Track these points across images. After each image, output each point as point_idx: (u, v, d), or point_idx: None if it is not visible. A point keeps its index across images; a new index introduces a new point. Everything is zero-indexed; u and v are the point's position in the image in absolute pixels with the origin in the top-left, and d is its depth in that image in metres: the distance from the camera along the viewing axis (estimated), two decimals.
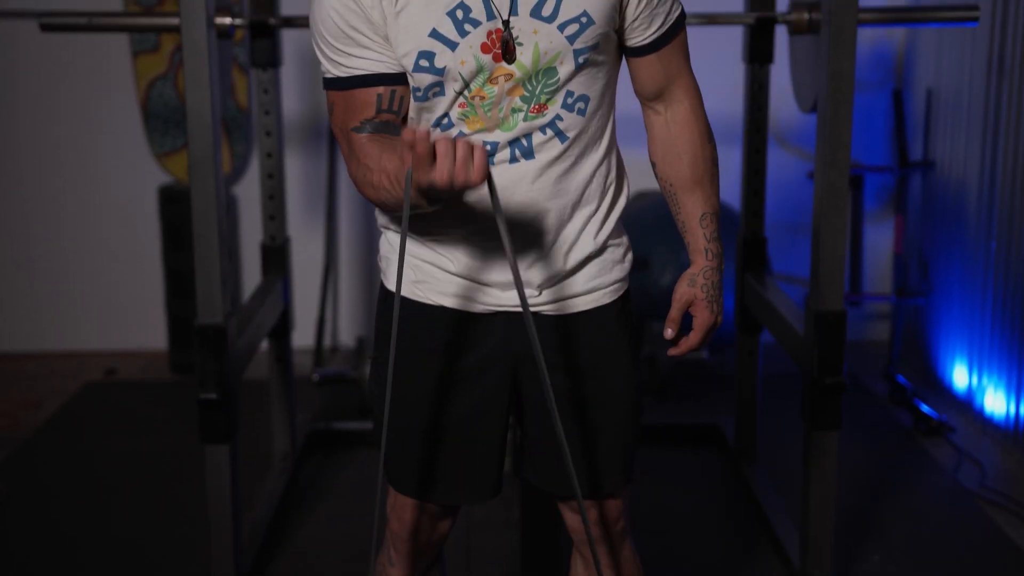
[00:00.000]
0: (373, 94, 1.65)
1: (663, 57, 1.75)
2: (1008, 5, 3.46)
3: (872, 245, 4.43)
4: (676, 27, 1.75)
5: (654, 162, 1.83)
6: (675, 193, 1.82)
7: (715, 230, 1.81)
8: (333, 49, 1.66)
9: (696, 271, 1.81)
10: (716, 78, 3.58)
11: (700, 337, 1.82)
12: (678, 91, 1.79)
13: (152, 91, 4.27)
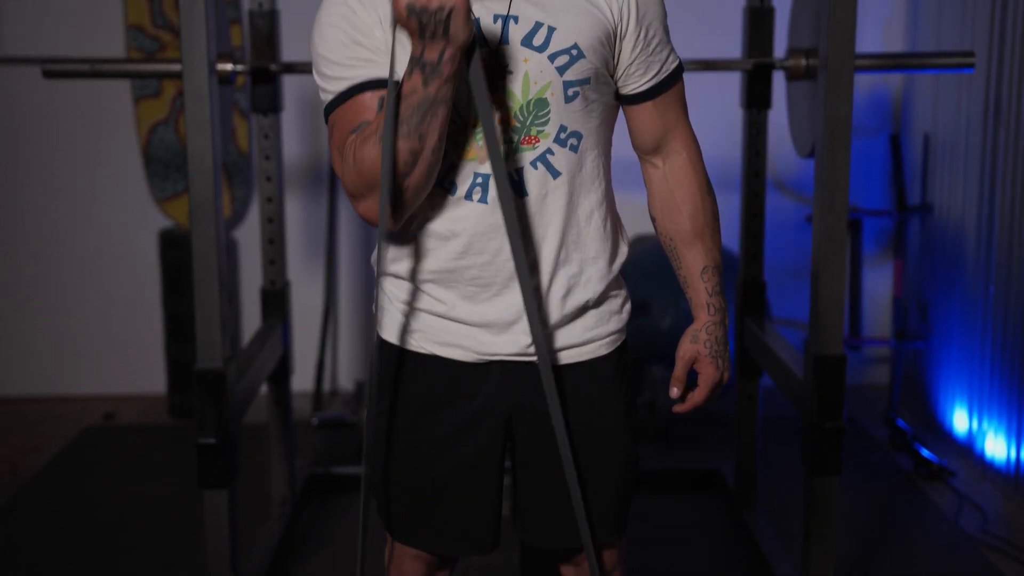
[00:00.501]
0: (375, 98, 1.63)
1: (659, 106, 1.75)
2: (1003, 52, 3.49)
3: (871, 289, 4.44)
4: (673, 77, 1.75)
5: (654, 217, 1.81)
6: (675, 247, 1.80)
7: (717, 284, 1.79)
8: (332, 65, 1.65)
9: (699, 327, 1.79)
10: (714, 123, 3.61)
11: (706, 394, 1.79)
12: (675, 143, 1.78)
13: (153, 136, 4.29)
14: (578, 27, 1.64)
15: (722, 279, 1.81)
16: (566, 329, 1.76)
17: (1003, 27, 3.49)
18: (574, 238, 1.72)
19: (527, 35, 1.63)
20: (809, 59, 2.86)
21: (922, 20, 4.14)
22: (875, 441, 3.94)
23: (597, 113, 1.70)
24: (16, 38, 4.22)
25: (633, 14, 1.68)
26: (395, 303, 1.78)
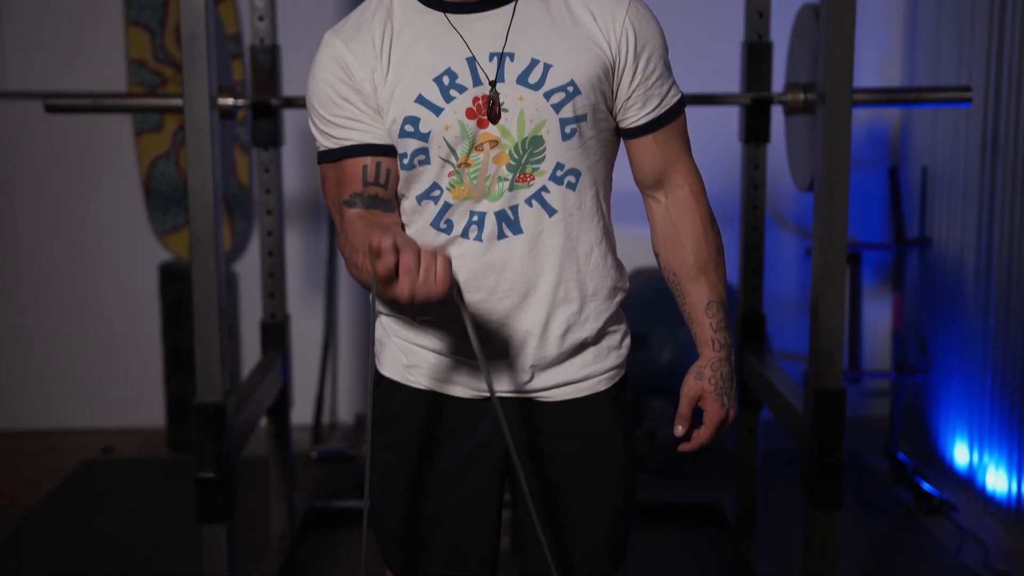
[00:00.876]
0: (359, 165, 1.66)
1: (660, 140, 1.74)
2: (1000, 86, 3.51)
3: (870, 321, 4.44)
4: (674, 111, 1.74)
5: (657, 252, 1.80)
6: (679, 282, 1.78)
7: (722, 319, 1.76)
8: (324, 120, 1.68)
9: (703, 363, 1.77)
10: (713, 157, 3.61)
11: (712, 432, 1.76)
12: (678, 177, 1.76)
13: (154, 170, 4.31)
14: (575, 63, 1.64)
15: (727, 314, 1.78)
16: (564, 366, 1.75)
17: (1000, 62, 3.51)
18: (573, 275, 1.71)
19: (523, 72, 1.63)
20: (807, 94, 2.87)
21: (919, 55, 4.16)
22: (875, 474, 3.93)
23: (595, 149, 1.69)
24: (18, 72, 4.24)
25: (632, 47, 1.67)
26: (394, 339, 1.78)
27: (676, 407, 1.80)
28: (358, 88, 1.64)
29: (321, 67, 1.68)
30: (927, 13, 4.09)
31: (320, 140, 1.70)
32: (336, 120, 1.67)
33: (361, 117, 1.65)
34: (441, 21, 1.65)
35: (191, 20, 2.37)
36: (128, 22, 4.23)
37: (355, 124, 1.66)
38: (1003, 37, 3.49)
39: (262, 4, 3.13)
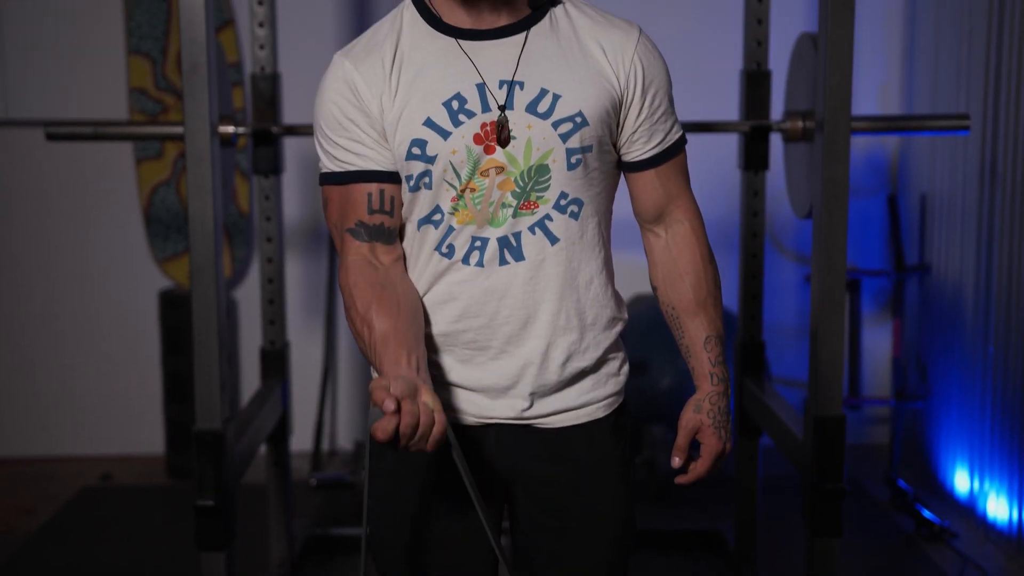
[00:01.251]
0: (364, 192, 1.67)
1: (662, 175, 1.76)
2: (998, 114, 3.52)
3: (870, 348, 4.44)
4: (676, 147, 1.76)
5: (655, 286, 1.81)
6: (678, 316, 1.79)
7: (720, 354, 1.78)
8: (330, 142, 1.69)
9: (701, 396, 1.78)
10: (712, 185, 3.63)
11: (709, 464, 1.78)
12: (678, 212, 1.78)
13: (155, 197, 4.32)
14: (584, 95, 1.65)
15: (724, 349, 1.80)
16: (563, 393, 1.76)
17: (997, 89, 3.52)
18: (573, 304, 1.72)
19: (532, 101, 1.64)
20: (806, 121, 2.88)
21: (918, 82, 4.18)
22: (876, 502, 3.92)
23: (598, 180, 1.71)
24: (20, 100, 4.26)
25: (640, 82, 1.69)
26: None
27: (675, 436, 1.81)
28: (365, 110, 1.65)
29: (329, 88, 1.69)
30: (925, 41, 4.11)
31: (324, 161, 1.71)
32: (342, 142, 1.67)
33: (367, 141, 1.66)
34: (452, 46, 1.67)
35: (192, 50, 2.38)
36: (129, 51, 4.25)
37: (361, 148, 1.67)
38: (1000, 65, 3.50)
39: (263, 33, 3.15)
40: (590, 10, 1.73)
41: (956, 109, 3.79)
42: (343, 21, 4.22)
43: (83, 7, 4.22)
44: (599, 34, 1.70)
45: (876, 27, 4.27)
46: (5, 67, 4.21)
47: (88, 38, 4.27)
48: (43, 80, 4.26)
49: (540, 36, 1.68)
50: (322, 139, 1.70)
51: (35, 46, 4.23)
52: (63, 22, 4.22)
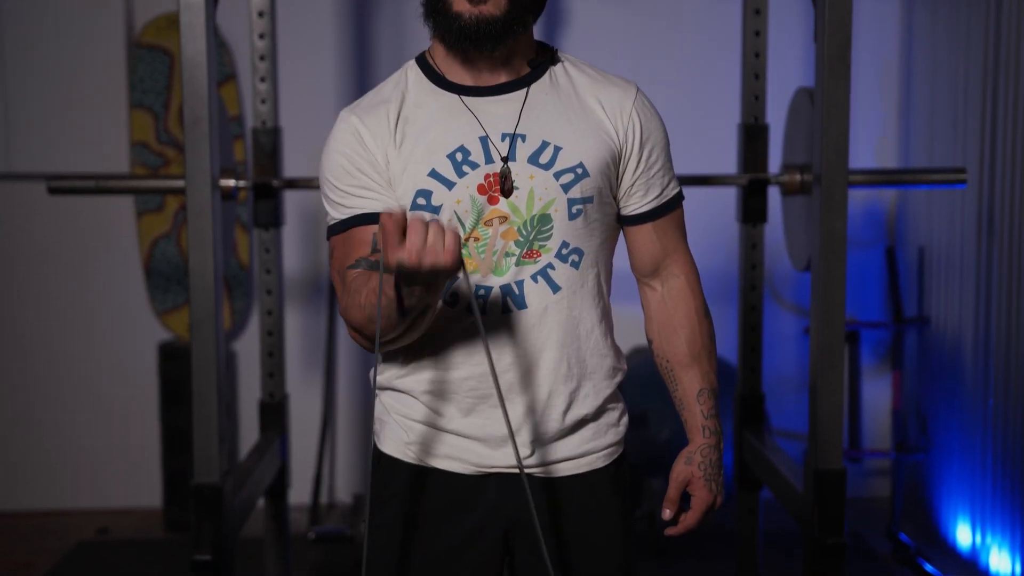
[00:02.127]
0: (368, 232, 1.69)
1: (659, 229, 1.79)
2: (995, 167, 3.54)
3: (870, 400, 4.43)
4: (673, 203, 1.80)
5: (651, 339, 1.84)
6: (672, 370, 1.83)
7: (713, 407, 1.81)
8: (336, 191, 1.71)
9: (693, 449, 1.80)
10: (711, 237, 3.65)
11: (699, 517, 1.79)
12: (674, 266, 1.81)
13: (155, 249, 4.33)
14: (584, 147, 1.69)
15: (718, 402, 1.83)
16: (563, 442, 1.77)
17: (993, 143, 3.55)
18: (574, 353, 1.74)
19: (534, 153, 1.68)
20: (804, 175, 2.90)
21: (914, 135, 4.20)
22: (878, 556, 3.90)
23: (599, 231, 1.74)
24: (23, 154, 4.28)
25: (638, 137, 1.74)
26: (394, 416, 1.79)
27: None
28: (371, 160, 1.69)
29: (336, 140, 1.72)
30: (921, 94, 4.14)
31: (332, 213, 1.73)
32: (349, 190, 1.70)
33: (373, 187, 1.69)
34: (455, 102, 1.71)
35: (194, 104, 2.41)
36: (132, 104, 4.28)
37: (367, 193, 1.69)
38: (996, 119, 3.53)
39: (265, 88, 3.18)
40: (588, 68, 1.78)
41: (953, 162, 3.81)
42: (343, 77, 4.26)
43: (86, 61, 4.25)
44: (598, 91, 1.74)
45: (872, 80, 4.30)
46: (8, 120, 4.24)
47: (91, 92, 4.30)
48: (45, 133, 4.29)
49: (540, 92, 1.72)
50: (328, 191, 1.73)
51: (38, 99, 4.26)
52: (66, 76, 4.25)
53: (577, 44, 4.17)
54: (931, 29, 4.02)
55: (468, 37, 1.66)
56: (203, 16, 2.38)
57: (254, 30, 3.18)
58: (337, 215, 1.72)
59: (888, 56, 4.32)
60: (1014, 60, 3.40)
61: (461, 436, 1.75)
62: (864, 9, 4.00)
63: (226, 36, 4.12)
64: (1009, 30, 3.42)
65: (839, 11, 2.40)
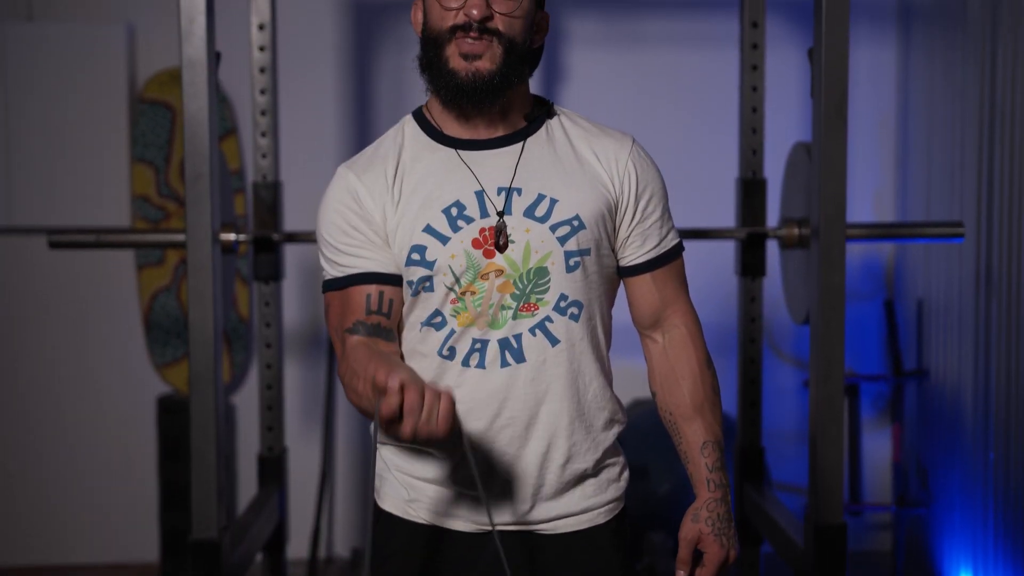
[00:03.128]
0: (363, 293, 1.69)
1: (658, 280, 1.79)
2: (992, 220, 3.56)
3: (870, 453, 4.42)
4: (672, 253, 1.80)
5: (654, 392, 1.83)
6: (675, 422, 1.81)
7: (718, 459, 1.78)
8: (332, 249, 1.72)
9: (700, 504, 1.78)
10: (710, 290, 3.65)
11: (713, 573, 1.76)
12: (675, 317, 1.81)
13: (155, 303, 4.33)
14: (580, 199, 1.70)
15: (723, 454, 1.80)
16: (564, 498, 1.76)
17: (990, 197, 3.57)
18: (574, 406, 1.74)
19: (530, 206, 1.69)
20: (802, 228, 2.91)
21: (911, 189, 4.23)
22: None
23: (597, 283, 1.74)
24: (24, 207, 4.29)
25: (633, 188, 1.74)
26: (394, 473, 1.79)
27: (676, 540, 1.80)
28: (368, 218, 1.69)
29: (333, 197, 1.73)
30: (918, 148, 4.16)
31: (327, 269, 1.74)
32: (344, 248, 1.70)
33: (368, 246, 1.69)
34: (452, 157, 1.72)
35: (196, 161, 2.42)
36: (133, 158, 4.30)
37: (362, 252, 1.70)
38: (992, 172, 3.55)
39: (265, 142, 3.20)
40: (584, 121, 1.79)
41: (950, 215, 3.83)
42: (344, 131, 4.29)
43: (88, 116, 4.28)
44: (593, 143, 1.75)
45: (869, 134, 4.33)
46: (10, 173, 4.26)
47: (92, 146, 4.32)
48: (47, 186, 4.30)
49: (537, 145, 1.73)
50: (325, 248, 1.74)
51: (40, 153, 4.28)
52: (68, 130, 4.27)
53: (576, 98, 4.20)
54: (927, 83, 4.05)
55: (464, 93, 1.67)
56: (205, 74, 2.40)
57: (255, 85, 3.21)
58: (334, 272, 1.73)
59: (885, 110, 4.36)
60: (1009, 114, 3.43)
61: (461, 493, 1.74)
62: (860, 64, 4.04)
63: (227, 90, 4.15)
64: (1004, 84, 3.45)
65: (835, 67, 2.43)
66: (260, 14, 3.19)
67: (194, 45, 2.40)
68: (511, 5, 1.68)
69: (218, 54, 2.52)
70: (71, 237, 2.91)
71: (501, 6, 1.67)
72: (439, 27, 1.69)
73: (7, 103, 4.23)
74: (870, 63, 4.24)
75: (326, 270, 1.75)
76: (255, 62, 3.20)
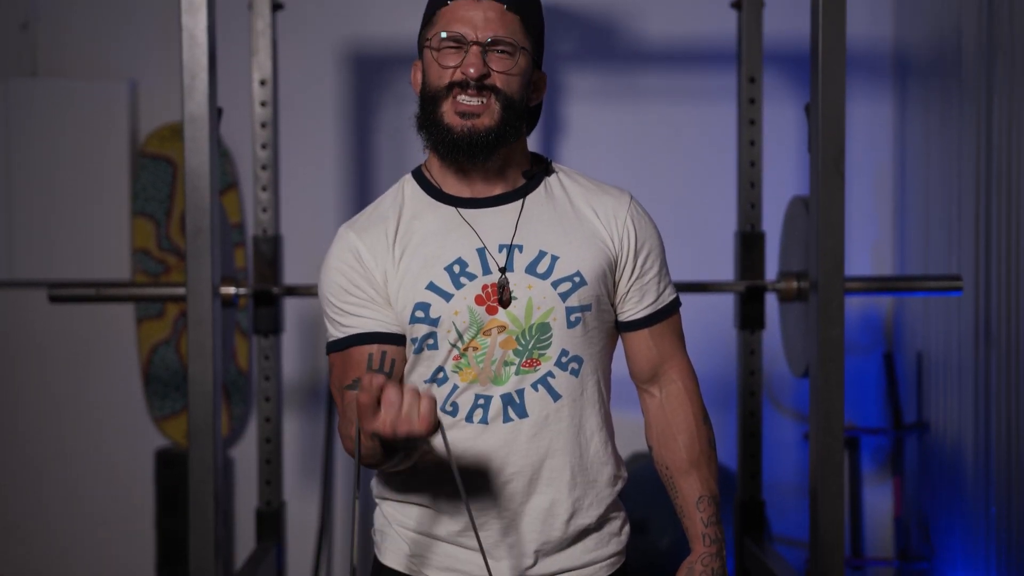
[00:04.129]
0: (365, 353, 1.71)
1: (655, 335, 1.80)
2: (990, 274, 3.57)
3: (871, 507, 4.40)
4: (669, 309, 1.82)
5: (651, 446, 1.85)
6: (672, 477, 1.83)
7: (713, 514, 1.80)
8: (335, 309, 1.73)
9: (694, 559, 1.80)
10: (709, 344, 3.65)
11: None
12: (672, 372, 1.83)
13: (154, 356, 4.33)
14: (581, 256, 1.72)
15: (719, 509, 1.82)
16: (567, 552, 1.77)
17: (988, 250, 3.58)
18: (576, 460, 1.75)
19: (531, 263, 1.70)
20: (800, 282, 2.92)
21: (909, 242, 4.24)
22: None
23: (598, 339, 1.75)
24: (25, 259, 4.30)
25: (632, 244, 1.77)
26: (395, 527, 1.79)
27: None
28: (369, 277, 1.71)
29: (335, 257, 1.75)
30: (915, 202, 4.18)
31: (330, 330, 1.76)
32: (347, 308, 1.72)
33: (370, 305, 1.71)
34: (452, 215, 1.74)
35: (197, 216, 2.43)
36: (134, 212, 4.32)
37: (364, 312, 1.71)
38: (990, 226, 3.56)
39: (266, 196, 3.21)
40: (582, 178, 1.82)
41: (948, 268, 3.84)
42: (344, 186, 4.31)
43: (89, 169, 4.30)
44: (592, 200, 1.77)
45: (867, 187, 4.35)
46: (11, 227, 4.28)
47: (94, 199, 4.34)
48: (48, 239, 4.32)
49: (536, 203, 1.75)
50: (327, 308, 1.75)
51: (41, 206, 4.30)
52: (69, 183, 4.30)
53: (574, 153, 4.23)
54: (923, 137, 4.08)
55: (461, 149, 1.70)
56: (207, 129, 2.42)
57: (256, 140, 3.23)
58: (336, 333, 1.74)
59: (882, 163, 4.38)
60: (1005, 167, 3.45)
61: (462, 548, 1.74)
62: (857, 118, 4.07)
63: (229, 144, 4.18)
64: (1000, 136, 3.48)
65: (832, 123, 2.45)
66: (262, 70, 3.22)
67: (196, 101, 2.42)
68: (508, 64, 1.71)
69: (220, 109, 2.54)
70: (72, 291, 2.92)
71: (498, 64, 1.70)
72: (436, 85, 1.71)
73: (10, 157, 4.25)
74: (866, 117, 4.27)
75: (329, 331, 1.76)
76: (256, 117, 3.23)
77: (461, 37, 1.70)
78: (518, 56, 1.72)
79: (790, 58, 4.06)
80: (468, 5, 1.71)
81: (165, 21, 4.18)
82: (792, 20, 3.49)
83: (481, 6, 1.70)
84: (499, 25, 1.70)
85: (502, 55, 1.71)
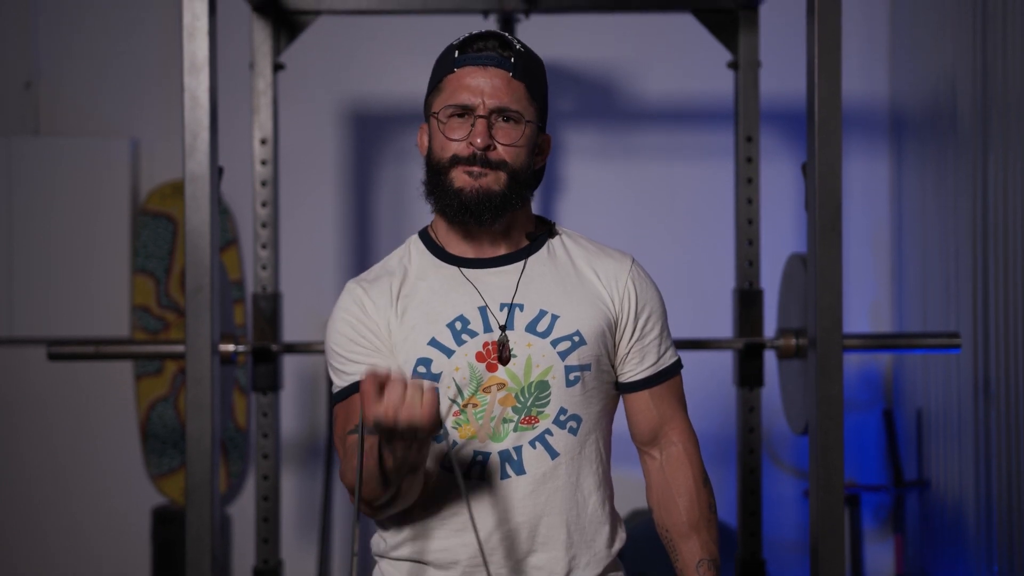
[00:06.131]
0: None
1: (656, 396, 1.81)
2: (988, 330, 3.57)
3: (873, 565, 4.37)
4: (670, 371, 1.83)
5: (651, 508, 1.85)
6: (672, 539, 1.82)
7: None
8: (340, 359, 1.75)
9: None
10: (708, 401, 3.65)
11: None
12: (672, 434, 1.83)
13: (152, 413, 4.33)
14: (581, 316, 1.73)
15: (719, 572, 1.82)
16: None
17: (986, 307, 3.58)
18: (573, 519, 1.74)
19: (531, 322, 1.72)
20: (799, 339, 2.93)
21: (907, 300, 4.25)
22: None
23: (597, 399, 1.76)
24: (25, 316, 4.31)
25: (633, 306, 1.78)
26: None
27: None
28: (373, 328, 1.73)
29: (341, 309, 1.77)
30: (913, 259, 4.20)
31: (335, 381, 1.77)
32: (351, 356, 1.73)
33: (375, 355, 1.73)
34: (455, 274, 1.76)
35: (197, 274, 2.44)
36: (134, 269, 4.33)
37: (368, 360, 1.73)
38: (988, 283, 3.57)
39: (266, 254, 3.23)
40: (584, 241, 1.84)
41: (946, 325, 3.84)
42: (343, 245, 4.32)
43: (90, 227, 4.32)
44: (594, 261, 1.79)
45: (864, 245, 4.37)
46: (11, 283, 4.29)
47: (94, 257, 4.35)
48: (48, 296, 4.33)
49: (538, 263, 1.77)
50: (333, 359, 1.76)
51: (41, 263, 4.31)
52: (70, 241, 4.31)
53: (574, 211, 4.25)
54: (920, 194, 4.10)
55: (469, 210, 1.71)
56: (207, 188, 2.43)
57: (257, 198, 3.25)
58: (340, 383, 1.75)
59: (879, 220, 4.40)
60: (1002, 224, 3.47)
61: None
62: (853, 176, 4.10)
63: (229, 202, 4.20)
64: (996, 193, 3.50)
65: (829, 182, 2.46)
66: (263, 129, 3.25)
67: (197, 160, 2.43)
68: (514, 135, 1.73)
69: (221, 168, 2.55)
70: (71, 349, 2.92)
71: (503, 136, 1.73)
72: (442, 156, 1.73)
73: (12, 215, 4.28)
74: (863, 175, 4.30)
75: (334, 383, 1.78)
76: (257, 175, 3.25)
77: (467, 108, 1.72)
78: (524, 126, 1.74)
79: (787, 117, 4.10)
80: (474, 72, 1.72)
81: (167, 80, 4.23)
82: (789, 80, 3.53)
83: (487, 73, 1.72)
84: (505, 93, 1.72)
85: (508, 124, 1.73)
